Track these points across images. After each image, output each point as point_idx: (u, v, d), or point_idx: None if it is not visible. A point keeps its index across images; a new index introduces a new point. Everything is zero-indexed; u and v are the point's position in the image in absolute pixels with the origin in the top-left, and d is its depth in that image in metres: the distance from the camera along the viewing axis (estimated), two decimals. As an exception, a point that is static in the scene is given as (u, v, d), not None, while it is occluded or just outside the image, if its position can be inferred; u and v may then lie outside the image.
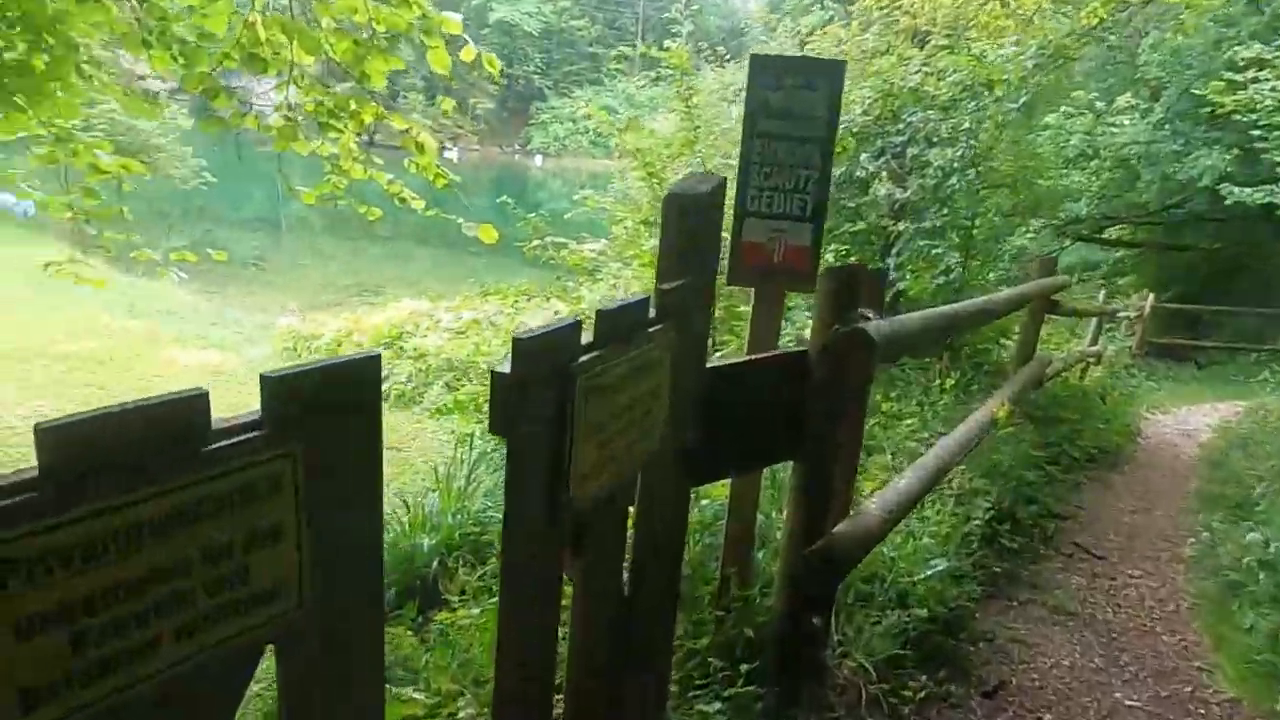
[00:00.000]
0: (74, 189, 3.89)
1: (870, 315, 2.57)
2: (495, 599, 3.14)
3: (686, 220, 1.89)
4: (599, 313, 1.60)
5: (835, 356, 2.43)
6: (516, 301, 8.66)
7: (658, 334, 1.78)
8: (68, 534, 0.93)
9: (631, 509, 1.94)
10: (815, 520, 2.63)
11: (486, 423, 4.51)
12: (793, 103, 2.60)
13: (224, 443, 1.06)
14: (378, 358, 1.24)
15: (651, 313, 1.80)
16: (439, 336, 9.20)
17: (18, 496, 0.89)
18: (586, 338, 1.60)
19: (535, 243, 6.90)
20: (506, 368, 1.39)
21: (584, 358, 1.52)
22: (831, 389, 2.50)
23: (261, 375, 1.11)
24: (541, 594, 1.62)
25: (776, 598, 2.76)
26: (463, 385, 7.24)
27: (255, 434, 1.10)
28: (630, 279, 6.77)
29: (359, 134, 4.14)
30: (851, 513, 2.89)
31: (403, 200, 4.16)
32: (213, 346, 9.37)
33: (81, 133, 3.99)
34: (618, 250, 7.38)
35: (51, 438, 0.91)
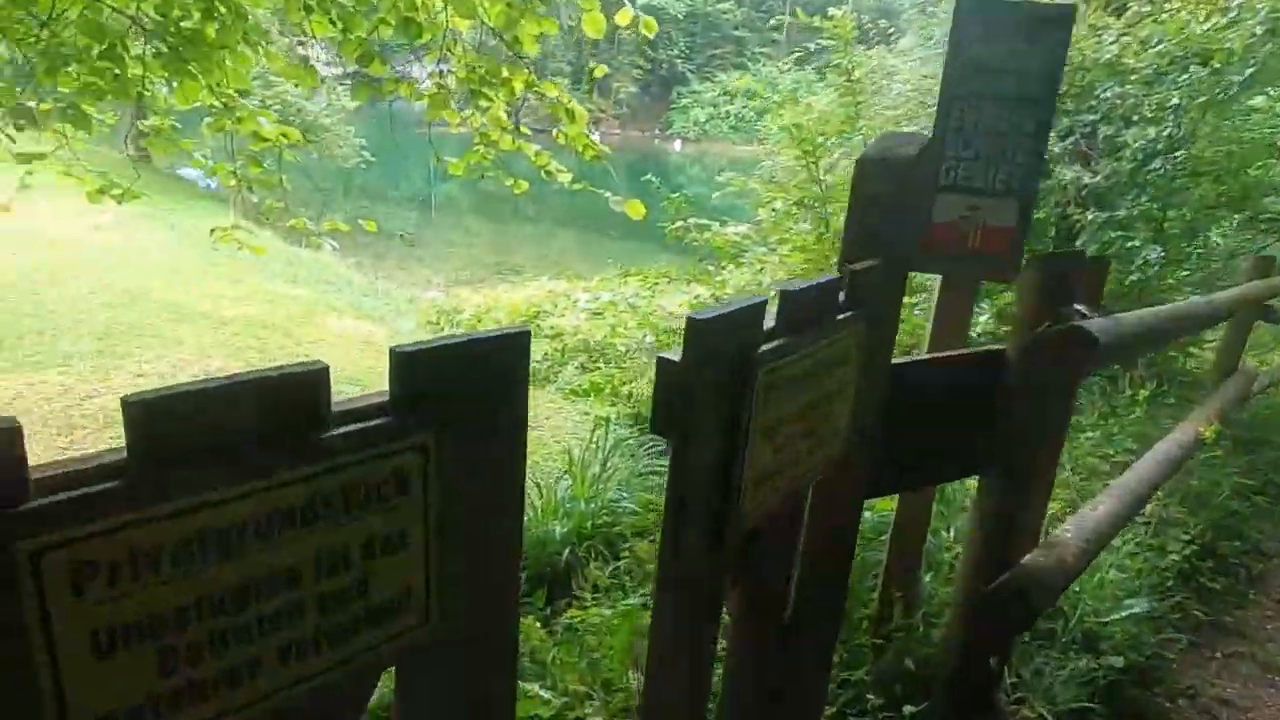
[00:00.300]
0: (240, 155, 3.99)
1: (1085, 311, 2.16)
2: (629, 600, 2.95)
3: (885, 188, 1.57)
4: (784, 293, 1.33)
5: (1044, 358, 2.05)
6: (656, 284, 8.48)
7: (847, 322, 1.48)
8: (157, 531, 0.75)
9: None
10: (1003, 547, 2.26)
11: (621, 408, 4.32)
12: (1005, 58, 2.21)
13: (345, 429, 0.87)
14: (527, 334, 1.03)
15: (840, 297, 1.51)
16: (575, 317, 9.16)
17: (99, 484, 0.73)
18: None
19: (678, 224, 6.66)
20: (675, 355, 1.14)
21: (766, 346, 1.25)
22: (1035, 396, 2.12)
23: (392, 349, 0.91)
24: (699, 617, 1.38)
25: (949, 631, 2.40)
26: (597, 367, 7.14)
27: (382, 420, 0.90)
28: (775, 264, 6.42)
29: (508, 106, 4.02)
30: (1044, 540, 2.48)
31: (549, 173, 4.02)
32: (364, 317, 9.75)
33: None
34: (763, 234, 7.04)
35: (142, 413, 0.74)
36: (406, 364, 0.91)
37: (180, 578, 0.78)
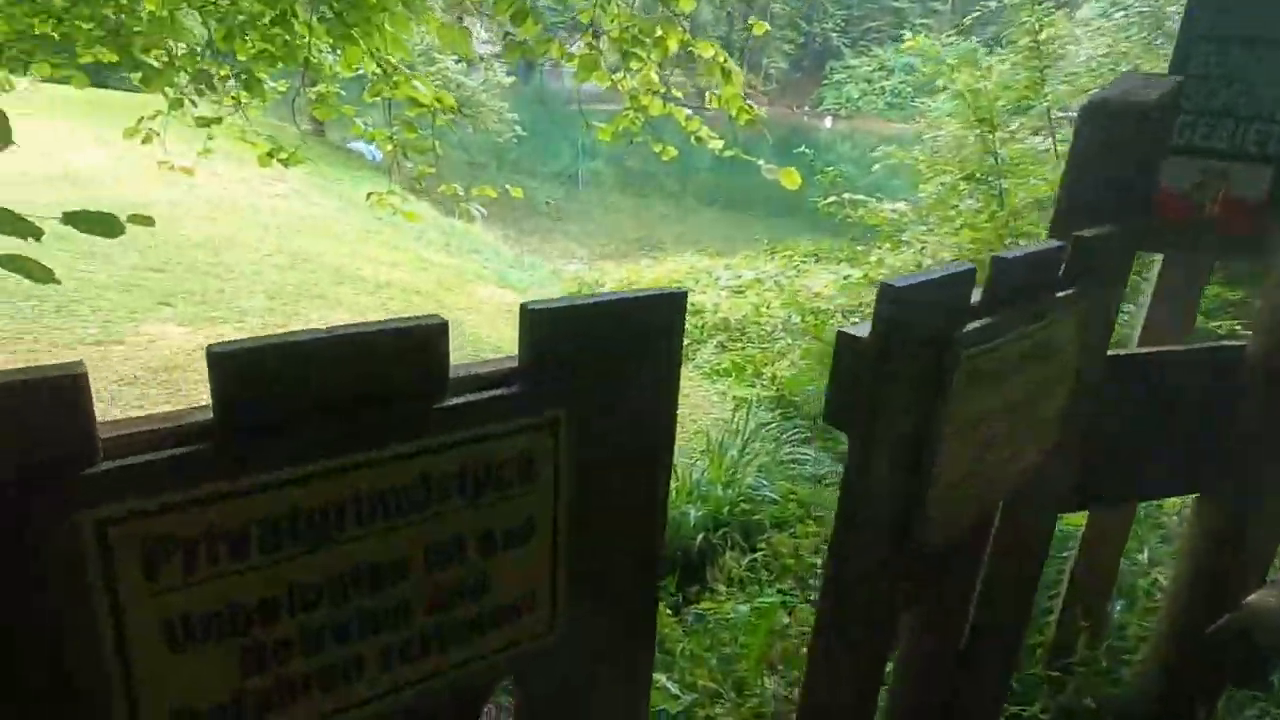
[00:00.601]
0: (396, 119, 4.04)
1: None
2: (766, 596, 2.75)
3: (1123, 137, 1.27)
4: (997, 260, 1.08)
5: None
6: (803, 261, 8.13)
7: (1068, 302, 1.21)
8: (244, 507, 0.63)
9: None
10: (1224, 579, 1.89)
11: (761, 390, 4.09)
12: (1270, -9, 1.79)
13: (465, 398, 0.73)
14: (683, 296, 0.85)
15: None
16: (716, 294, 8.94)
17: (178, 448, 0.61)
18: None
19: (830, 199, 6.29)
20: (861, 330, 0.93)
21: (972, 325, 1.01)
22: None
23: (524, 305, 0.75)
24: (867, 638, 1.17)
25: (1144, 671, 2.05)
26: (737, 347, 6.90)
27: (508, 390, 0.75)
28: (936, 244, 5.93)
29: (660, 69, 3.85)
30: (1274, 576, 2.07)
31: (699, 139, 3.81)
32: (509, 287, 9.95)
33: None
34: (921, 212, 6.53)
35: (231, 366, 0.62)
36: (540, 324, 0.75)
37: (270, 563, 0.65)
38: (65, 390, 0.56)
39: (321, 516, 0.67)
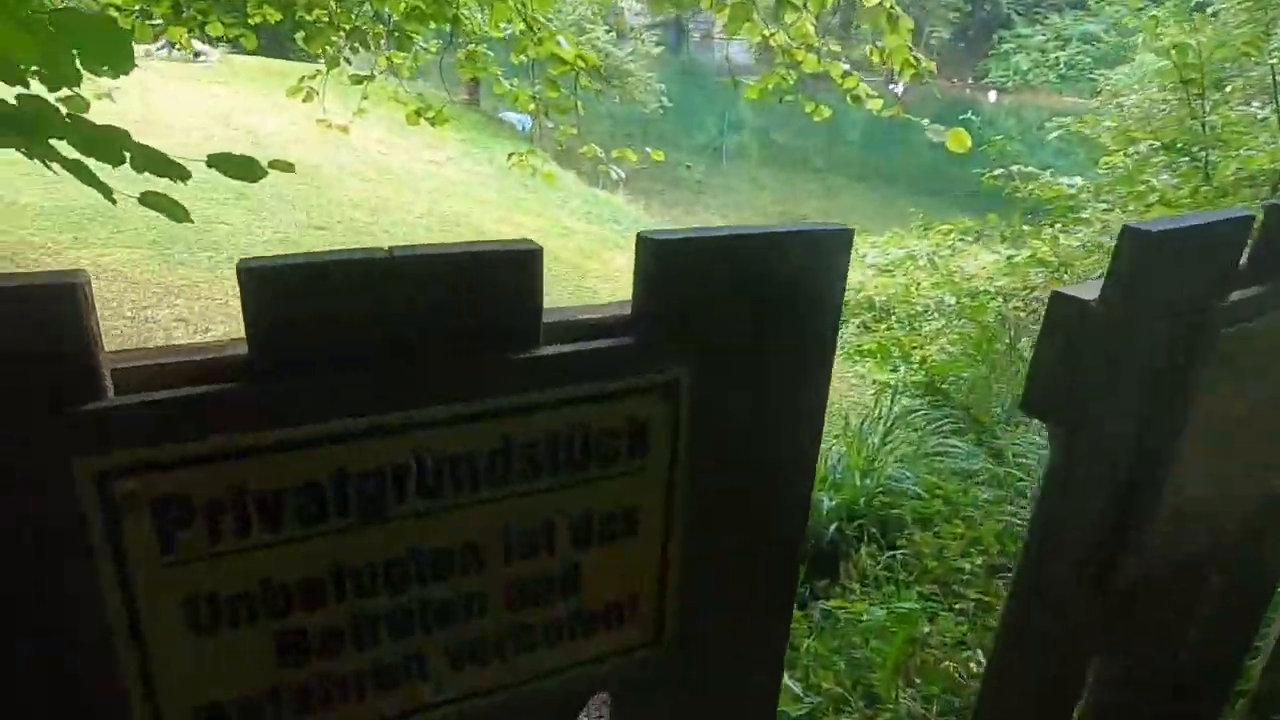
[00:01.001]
0: (539, 78, 3.98)
1: None
2: (904, 600, 2.50)
3: None
4: (1269, 209, 0.81)
5: None
6: (960, 240, 7.53)
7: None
8: (280, 465, 0.51)
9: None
10: None
11: (907, 375, 3.77)
12: None
13: (563, 348, 0.57)
14: (849, 233, 0.65)
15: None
16: (861, 272, 8.48)
17: (201, 386, 0.49)
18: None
19: (998, 171, 5.75)
20: (1083, 289, 0.70)
21: (1238, 294, 0.76)
22: None
23: (640, 235, 0.59)
24: (1056, 685, 0.94)
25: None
26: (882, 327, 6.49)
27: (618, 341, 0.59)
28: (1120, 223, 5.28)
29: (815, 20, 3.56)
30: None
31: (856, 99, 3.51)
32: (647, 257, 9.89)
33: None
34: (1102, 188, 5.85)
35: (270, 286, 0.49)
36: (663, 257, 0.59)
37: (312, 536, 0.53)
38: (61, 302, 0.44)
39: (376, 484, 0.53)
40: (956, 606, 2.57)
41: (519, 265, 0.54)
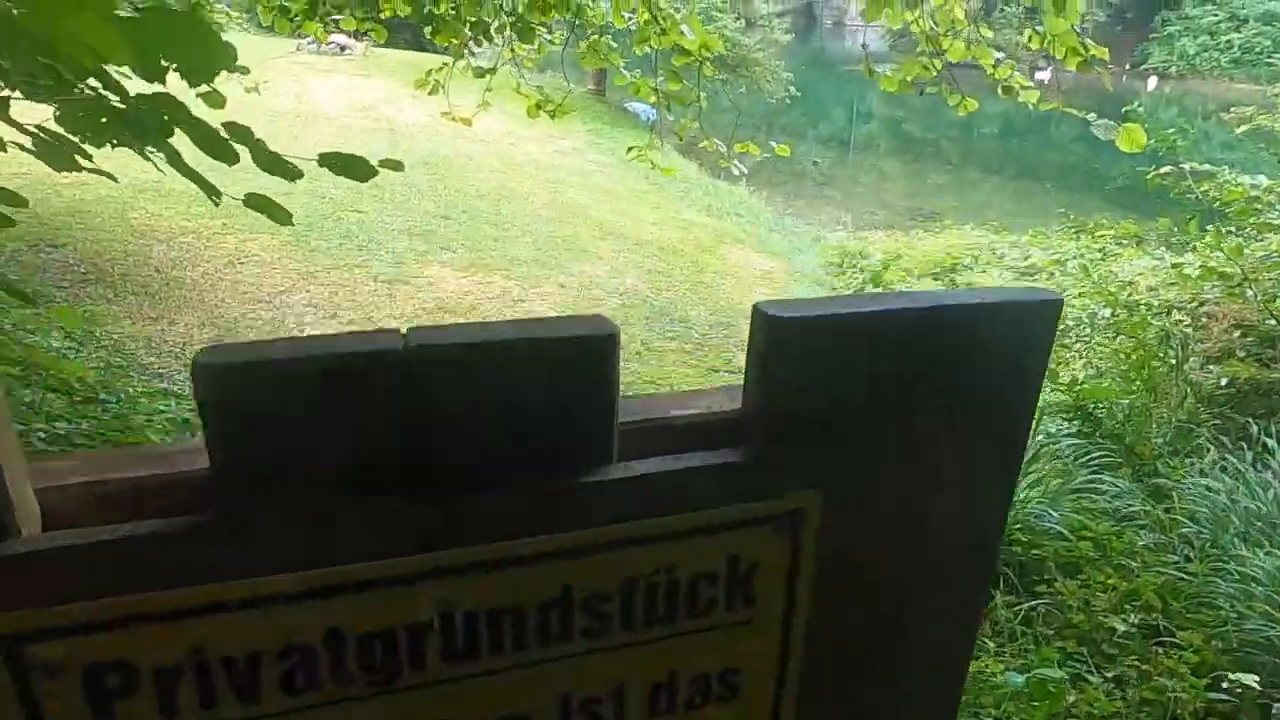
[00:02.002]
0: (662, 69, 3.83)
1: None
2: (1048, 663, 2.21)
3: None
4: None
5: None
6: (1114, 243, 6.84)
7: None
8: (255, 621, 0.37)
9: None
10: None
11: (1053, 396, 3.37)
12: None
13: (645, 466, 0.41)
14: (1058, 304, 0.46)
15: None
16: (1000, 273, 7.90)
17: (141, 523, 0.36)
18: None
19: (1166, 169, 5.15)
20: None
21: None
22: None
23: (756, 307, 0.42)
24: None
25: None
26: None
27: (720, 458, 0.43)
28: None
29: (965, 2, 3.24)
30: None
31: (1008, 89, 3.17)
32: (766, 252, 9.58)
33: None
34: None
35: (236, 383, 0.35)
36: (790, 342, 0.42)
37: (299, 709, 0.39)
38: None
39: (385, 646, 0.39)
40: (1107, 673, 2.25)
41: (589, 355, 0.39)
